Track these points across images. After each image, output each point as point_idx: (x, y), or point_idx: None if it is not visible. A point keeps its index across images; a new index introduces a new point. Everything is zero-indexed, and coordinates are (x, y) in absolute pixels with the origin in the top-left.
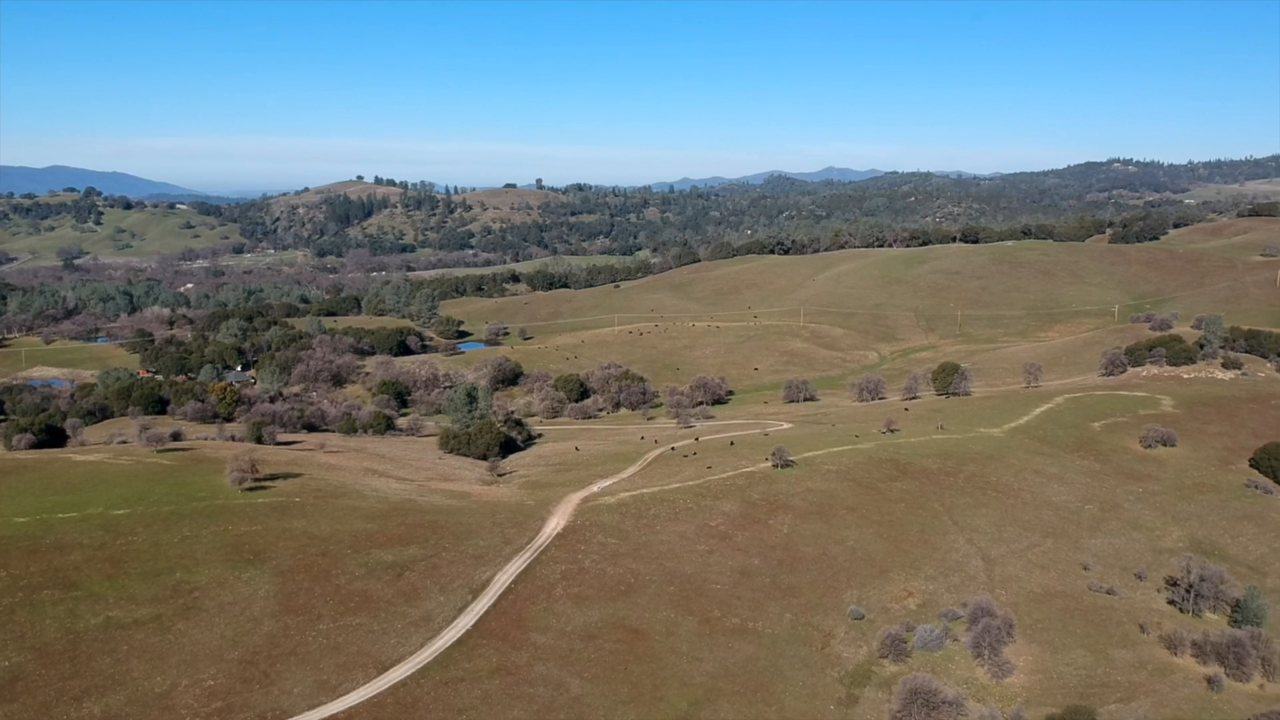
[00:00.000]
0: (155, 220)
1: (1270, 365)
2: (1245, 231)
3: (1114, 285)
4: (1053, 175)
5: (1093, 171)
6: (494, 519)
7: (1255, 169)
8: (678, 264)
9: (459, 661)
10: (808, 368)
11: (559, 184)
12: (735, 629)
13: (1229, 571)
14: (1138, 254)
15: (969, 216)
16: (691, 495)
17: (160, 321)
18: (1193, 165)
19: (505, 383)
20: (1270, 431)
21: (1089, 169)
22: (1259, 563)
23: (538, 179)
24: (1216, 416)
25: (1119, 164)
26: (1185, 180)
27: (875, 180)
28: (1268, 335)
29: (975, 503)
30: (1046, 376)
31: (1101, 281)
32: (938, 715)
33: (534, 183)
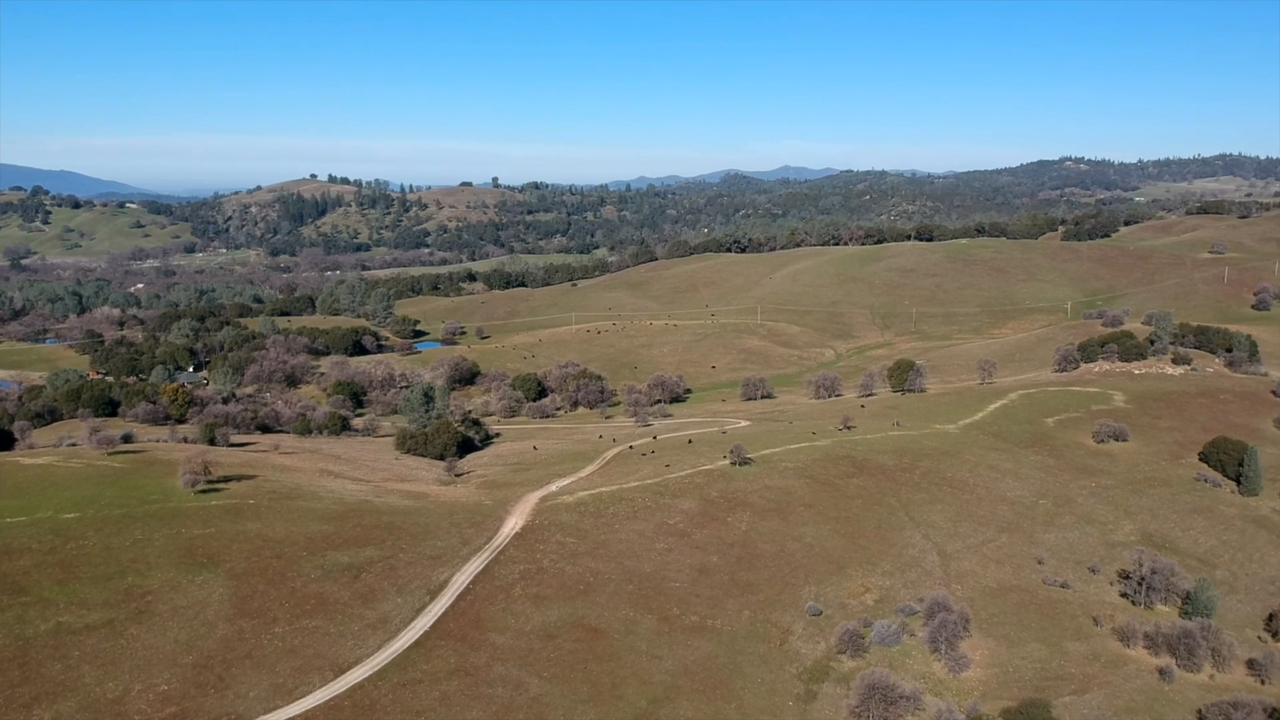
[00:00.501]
0: (105, 219)
1: (1219, 361)
2: (1194, 229)
3: (1066, 282)
4: (1006, 173)
5: (1045, 170)
6: (451, 519)
7: (1203, 167)
8: (635, 262)
9: (417, 663)
10: (765, 365)
11: (515, 182)
12: (694, 626)
13: (1180, 564)
14: (1089, 251)
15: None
16: (650, 494)
17: (110, 322)
18: (1143, 164)
19: (462, 382)
20: (1219, 426)
21: (1041, 167)
22: (1208, 555)
23: (494, 178)
24: (1167, 411)
25: (1071, 162)
26: (1135, 178)
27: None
28: (1216, 331)
29: (931, 499)
30: (1000, 373)
31: (1054, 279)
32: (895, 710)
33: (490, 181)
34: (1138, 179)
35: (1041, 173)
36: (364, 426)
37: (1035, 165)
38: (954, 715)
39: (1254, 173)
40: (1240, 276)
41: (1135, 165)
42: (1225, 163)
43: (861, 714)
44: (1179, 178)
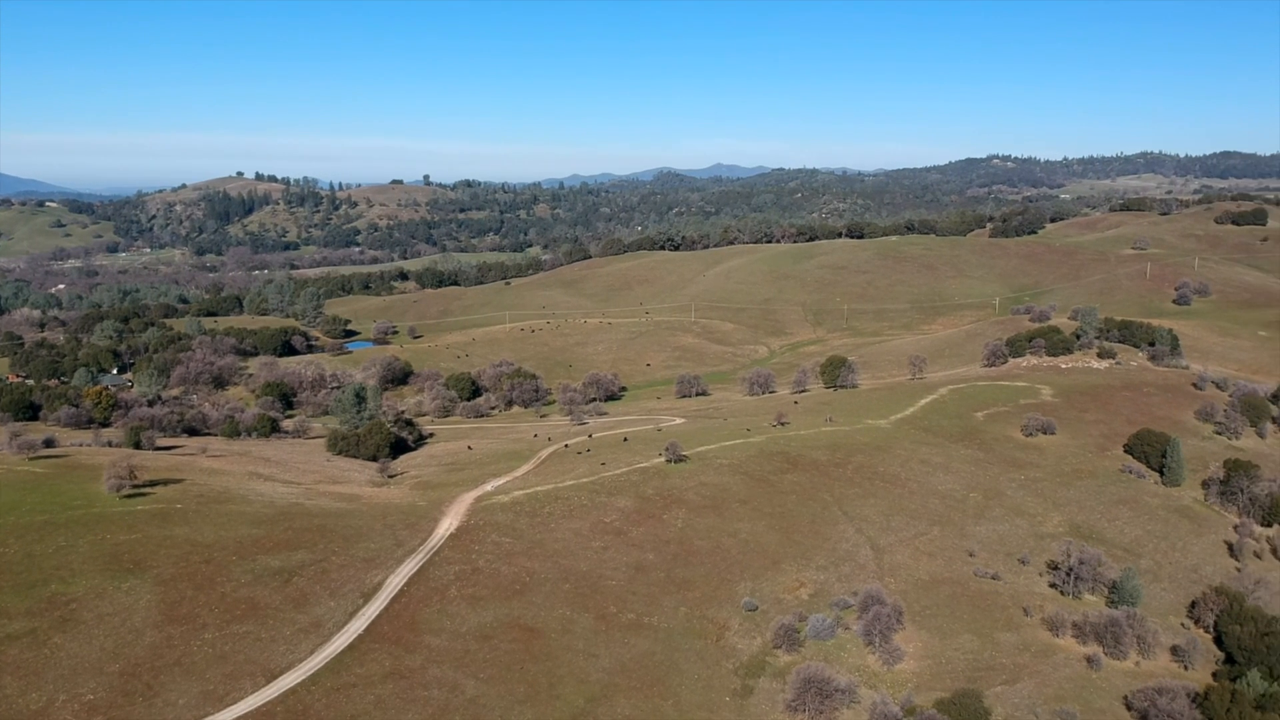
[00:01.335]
0: (23, 219)
1: (1142, 354)
2: (1117, 225)
3: (994, 278)
4: (935, 171)
5: (973, 167)
6: (385, 521)
7: (1125, 165)
8: (569, 261)
9: (351, 667)
10: (699, 363)
11: (447, 180)
12: (631, 624)
13: (1106, 554)
14: (1017, 248)
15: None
16: (586, 492)
17: (30, 324)
18: (1068, 161)
19: (395, 382)
20: (1143, 418)
21: (969, 165)
22: (1134, 545)
23: (425, 175)
24: (1093, 405)
25: (998, 160)
26: (1061, 176)
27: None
28: (1139, 325)
29: (864, 493)
30: (931, 368)
31: (982, 275)
32: (831, 703)
33: (421, 179)
34: (1063, 176)
35: (969, 170)
36: (294, 428)
37: (963, 163)
38: (888, 707)
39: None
40: (1162, 272)
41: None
42: (1147, 160)
43: (797, 708)
44: (1103, 175)
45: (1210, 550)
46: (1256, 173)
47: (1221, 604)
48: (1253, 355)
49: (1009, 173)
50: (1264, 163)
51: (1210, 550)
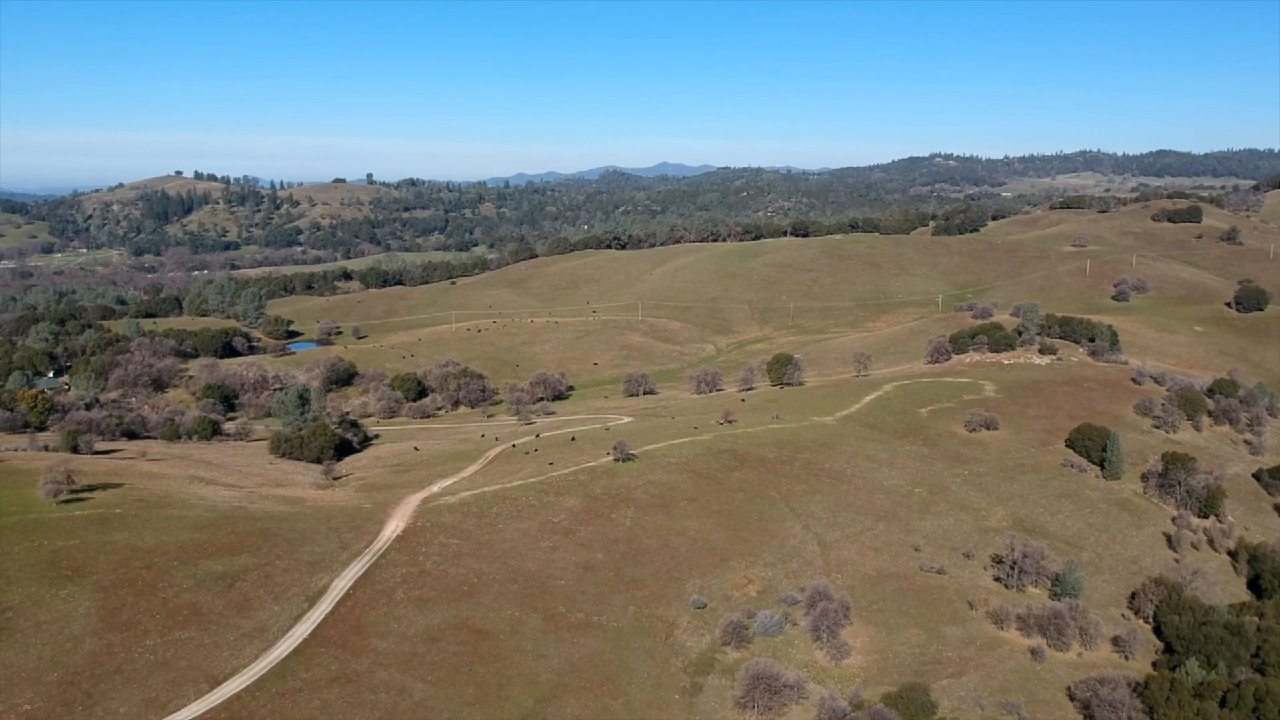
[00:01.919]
0: None
1: (1082, 350)
2: (1057, 223)
3: (937, 276)
4: (878, 170)
5: (916, 166)
6: (330, 524)
7: (1065, 164)
8: (515, 260)
9: (296, 671)
10: (646, 361)
11: (391, 179)
12: (580, 624)
13: (1049, 547)
14: (959, 245)
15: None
16: (534, 492)
17: None
18: (1009, 160)
19: (339, 383)
20: (1084, 413)
21: (912, 164)
22: (1075, 538)
23: (368, 174)
24: (1035, 400)
25: (940, 159)
26: (1002, 174)
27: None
28: (1080, 322)
29: (811, 489)
30: (876, 365)
31: (926, 272)
32: (779, 699)
33: (365, 177)
34: (1004, 175)
35: (913, 169)
36: (236, 431)
37: (906, 162)
38: (836, 702)
39: (1112, 169)
40: (1101, 269)
41: (1002, 161)
42: (1086, 159)
43: (747, 704)
44: (1043, 174)
45: (1149, 542)
46: (1191, 171)
47: (1160, 594)
48: (1189, 350)
49: (951, 171)
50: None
51: (1149, 542)
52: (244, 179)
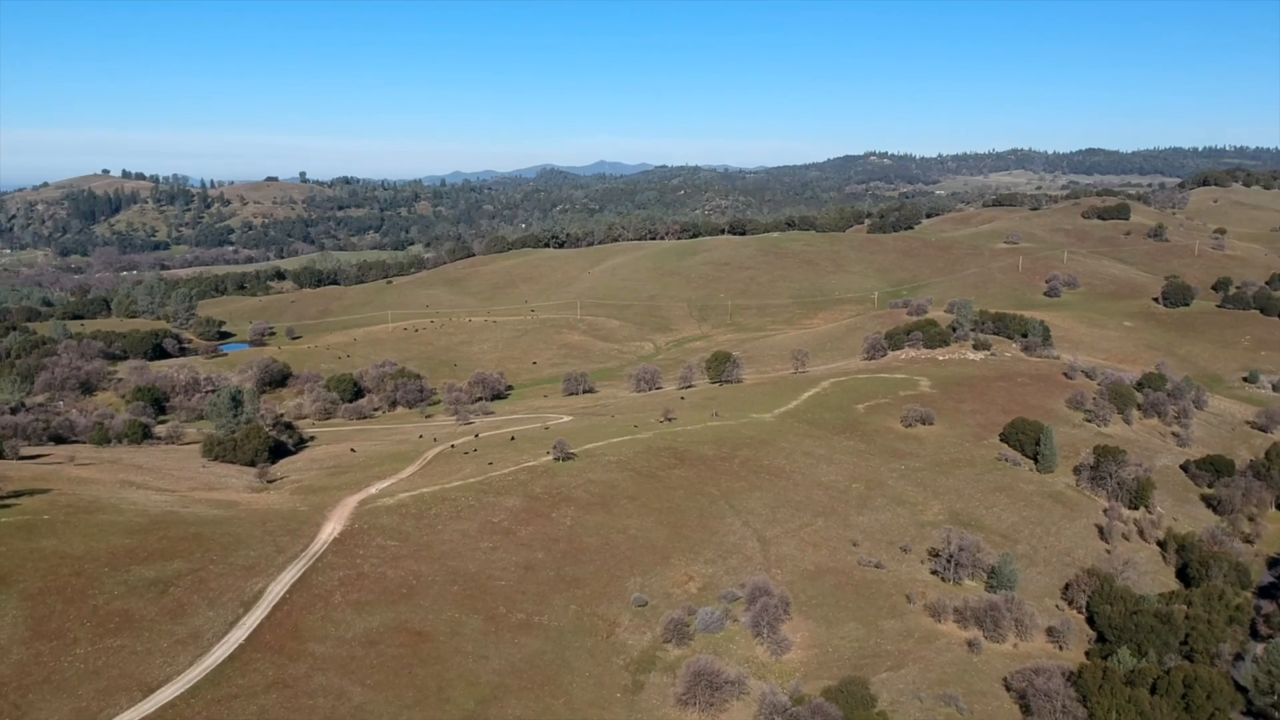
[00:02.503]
0: None
1: (1016, 345)
2: (990, 220)
3: (873, 273)
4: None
5: (851, 164)
6: (265, 527)
7: (997, 162)
8: (452, 259)
9: (232, 678)
10: (586, 360)
11: (324, 177)
12: (521, 624)
13: (985, 540)
14: (894, 243)
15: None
16: (473, 492)
17: None
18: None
19: (273, 384)
20: (1017, 408)
21: (847, 162)
22: (1010, 530)
23: (301, 172)
24: (969, 395)
25: (875, 157)
26: (935, 172)
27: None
28: (1013, 317)
29: (750, 486)
30: (813, 362)
31: (861, 269)
32: (721, 695)
33: (297, 176)
34: (938, 173)
35: (847, 167)
36: (167, 434)
37: (841, 160)
38: (777, 697)
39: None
40: (1033, 265)
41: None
42: (1017, 157)
43: (688, 701)
44: (976, 172)
45: (1082, 534)
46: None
47: (1093, 585)
48: (1119, 345)
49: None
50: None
51: (1082, 534)
52: (174, 178)
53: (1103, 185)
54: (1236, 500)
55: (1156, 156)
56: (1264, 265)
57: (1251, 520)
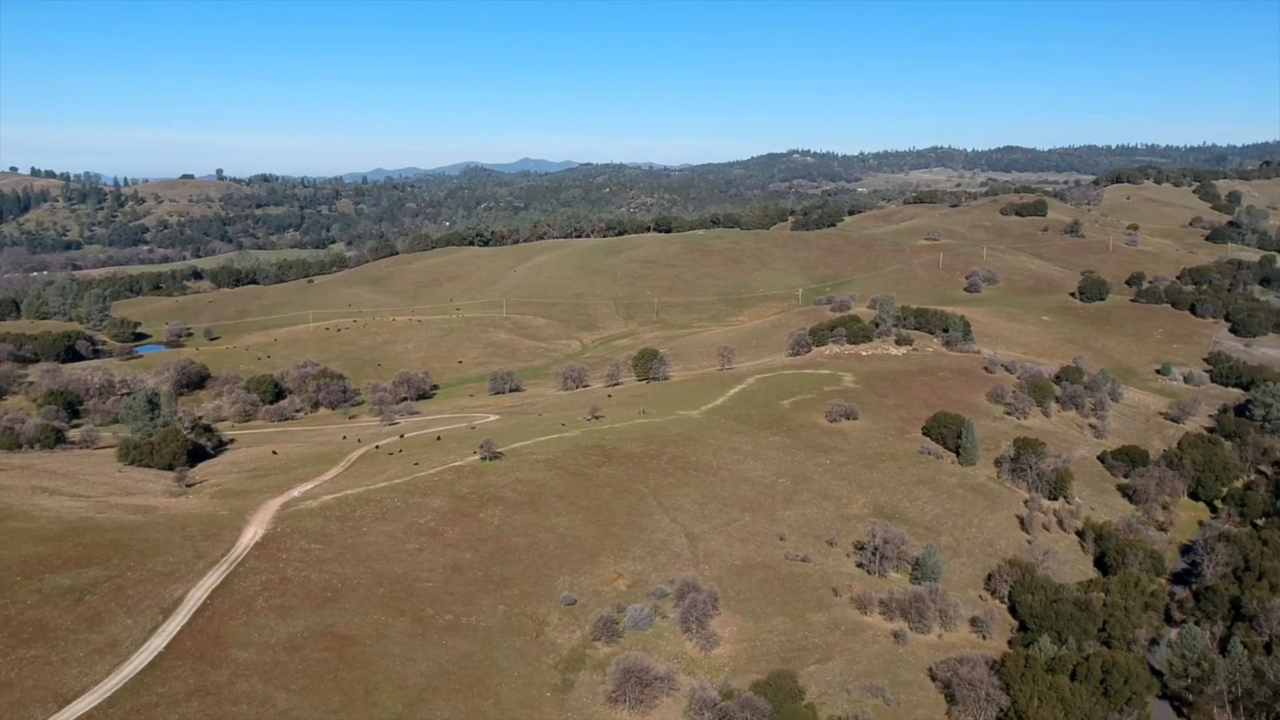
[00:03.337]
0: None
1: (937, 341)
2: (911, 218)
3: (797, 270)
4: (738, 166)
5: (774, 162)
6: (184, 532)
7: (918, 159)
8: (375, 257)
9: (152, 686)
10: (512, 359)
11: (242, 174)
12: (449, 626)
13: (909, 533)
14: (817, 240)
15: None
16: (399, 493)
17: None
18: (864, 156)
19: (191, 386)
20: (939, 402)
21: (771, 160)
22: (934, 523)
23: (218, 169)
24: (892, 390)
25: (798, 155)
26: (858, 170)
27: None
28: (934, 313)
29: (678, 483)
30: (739, 358)
31: (785, 267)
32: (650, 691)
33: (214, 173)
34: (860, 171)
35: (771, 165)
36: (81, 438)
37: (765, 158)
38: (706, 692)
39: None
40: (953, 261)
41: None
42: (937, 155)
43: (618, 699)
44: (897, 169)
45: (1003, 525)
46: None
47: (1015, 575)
48: (1037, 339)
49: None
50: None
51: (1003, 525)
52: (85, 176)
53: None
54: (1151, 490)
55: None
56: (1174, 260)
57: (1165, 509)
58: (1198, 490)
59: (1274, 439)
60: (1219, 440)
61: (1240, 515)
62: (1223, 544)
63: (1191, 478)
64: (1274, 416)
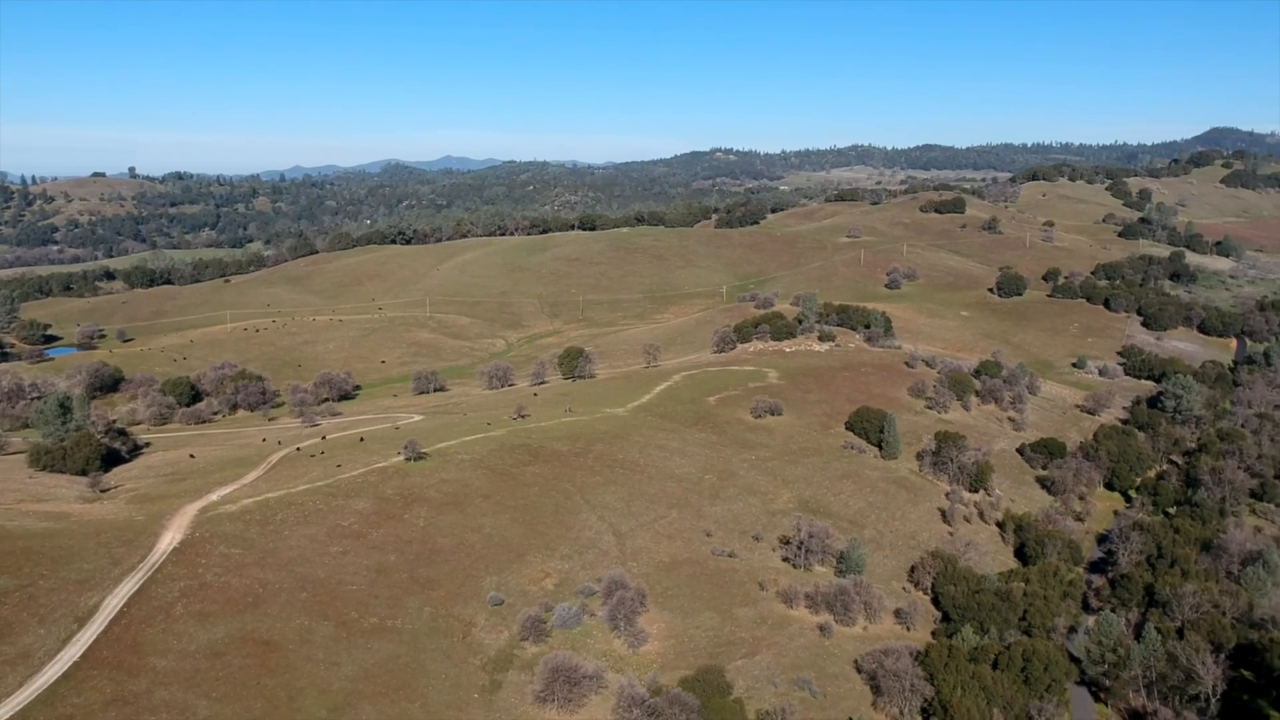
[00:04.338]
0: None
1: (859, 337)
2: (833, 215)
3: (721, 267)
4: (662, 164)
5: (698, 160)
6: (99, 539)
7: (839, 158)
8: (294, 256)
9: (67, 697)
10: (436, 358)
11: (156, 172)
12: (374, 629)
13: (833, 526)
14: (741, 238)
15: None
16: (321, 496)
17: None
18: (786, 154)
19: (104, 390)
20: (862, 397)
21: (694, 158)
22: (857, 516)
23: (130, 167)
24: (816, 386)
25: (721, 153)
26: (780, 168)
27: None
28: (856, 309)
29: (605, 481)
30: (665, 356)
31: (710, 264)
32: (579, 690)
33: (126, 171)
34: (782, 169)
35: (694, 163)
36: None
37: (688, 156)
38: (635, 689)
39: (882, 163)
40: (874, 259)
41: (779, 156)
42: (858, 153)
43: (546, 698)
44: (818, 167)
45: (926, 517)
46: (955, 164)
47: (937, 567)
48: (957, 334)
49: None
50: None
51: (926, 517)
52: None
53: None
54: (1068, 480)
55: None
56: (1089, 256)
57: (1082, 499)
58: (1113, 480)
59: (1184, 429)
60: (1133, 431)
61: (1153, 504)
62: (1137, 533)
63: (1107, 468)
64: (1184, 408)
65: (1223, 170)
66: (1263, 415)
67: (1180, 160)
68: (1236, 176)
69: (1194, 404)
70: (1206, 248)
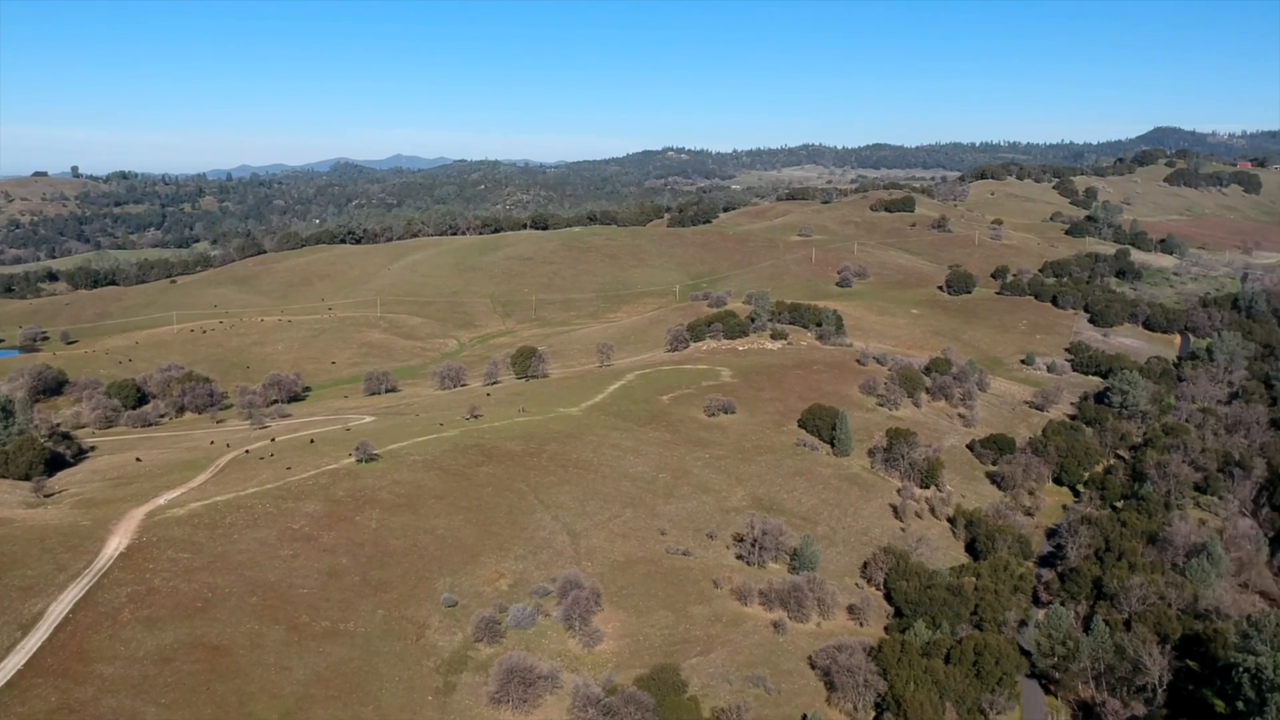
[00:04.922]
0: None
1: (811, 335)
2: (784, 214)
3: (674, 266)
4: (614, 163)
5: (650, 159)
6: (43, 545)
7: (790, 157)
8: (241, 256)
9: (11, 706)
10: (388, 358)
11: (100, 172)
12: (325, 632)
13: (786, 524)
14: (693, 237)
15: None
16: (271, 499)
17: None
18: (737, 154)
19: (48, 393)
20: (814, 394)
21: (646, 157)
22: (810, 513)
23: (73, 166)
24: (768, 384)
25: (673, 152)
26: (732, 167)
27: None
28: (808, 308)
29: (559, 480)
30: (618, 355)
31: (662, 263)
32: (534, 690)
33: (69, 170)
34: (733, 168)
35: (647, 162)
36: None
37: (640, 155)
38: (590, 689)
39: (833, 162)
40: (825, 257)
41: (731, 155)
42: (809, 152)
43: (501, 699)
44: (769, 166)
45: (878, 513)
46: (904, 164)
47: (889, 563)
48: (907, 332)
49: (684, 164)
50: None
51: (878, 513)
52: None
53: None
54: (1018, 476)
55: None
56: (1037, 254)
57: (1031, 494)
58: (1061, 475)
59: (1131, 424)
60: (1080, 427)
61: (1101, 498)
62: (1085, 526)
63: (1055, 463)
64: (1130, 403)
65: (1166, 169)
66: (1206, 410)
67: (1125, 159)
68: (1180, 175)
69: (1140, 399)
70: (1151, 245)
